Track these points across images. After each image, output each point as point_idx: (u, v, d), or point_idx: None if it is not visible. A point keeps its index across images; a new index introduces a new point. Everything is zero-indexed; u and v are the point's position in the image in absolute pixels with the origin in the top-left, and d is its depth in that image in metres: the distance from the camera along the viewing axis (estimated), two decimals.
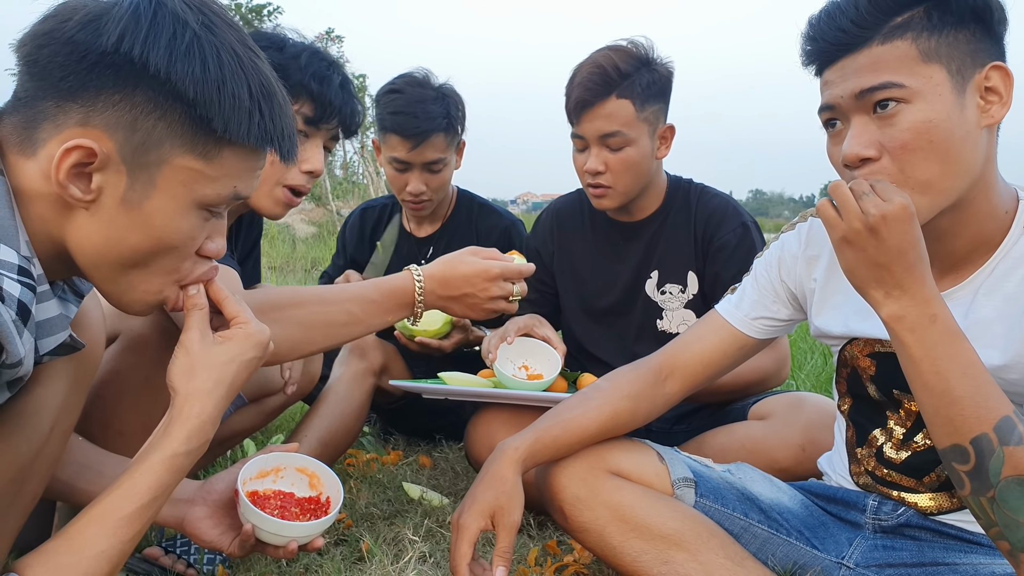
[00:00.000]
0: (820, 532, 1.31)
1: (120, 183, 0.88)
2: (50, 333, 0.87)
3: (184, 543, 1.44)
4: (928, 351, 1.00)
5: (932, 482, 1.22)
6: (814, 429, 1.61)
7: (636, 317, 1.98)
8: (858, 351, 1.26)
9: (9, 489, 1.03)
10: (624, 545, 1.23)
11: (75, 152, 0.85)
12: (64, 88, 0.85)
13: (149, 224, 0.91)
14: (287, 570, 1.47)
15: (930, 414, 1.02)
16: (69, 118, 0.86)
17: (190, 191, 0.92)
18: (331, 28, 13.06)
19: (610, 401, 1.33)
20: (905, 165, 1.04)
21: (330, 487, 1.25)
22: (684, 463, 1.34)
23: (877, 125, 1.06)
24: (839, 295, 1.28)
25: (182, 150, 0.89)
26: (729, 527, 1.29)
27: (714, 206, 1.96)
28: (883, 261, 1.00)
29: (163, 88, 0.86)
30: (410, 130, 2.09)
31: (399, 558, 1.48)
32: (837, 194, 1.02)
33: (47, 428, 1.05)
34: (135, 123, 0.87)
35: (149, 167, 0.89)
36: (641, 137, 1.84)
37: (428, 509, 1.76)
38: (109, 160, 0.87)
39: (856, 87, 1.06)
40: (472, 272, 1.42)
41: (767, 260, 1.38)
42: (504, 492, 1.22)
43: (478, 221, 2.35)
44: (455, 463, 2.15)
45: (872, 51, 1.06)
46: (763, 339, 1.37)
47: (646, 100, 1.83)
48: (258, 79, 0.92)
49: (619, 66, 1.80)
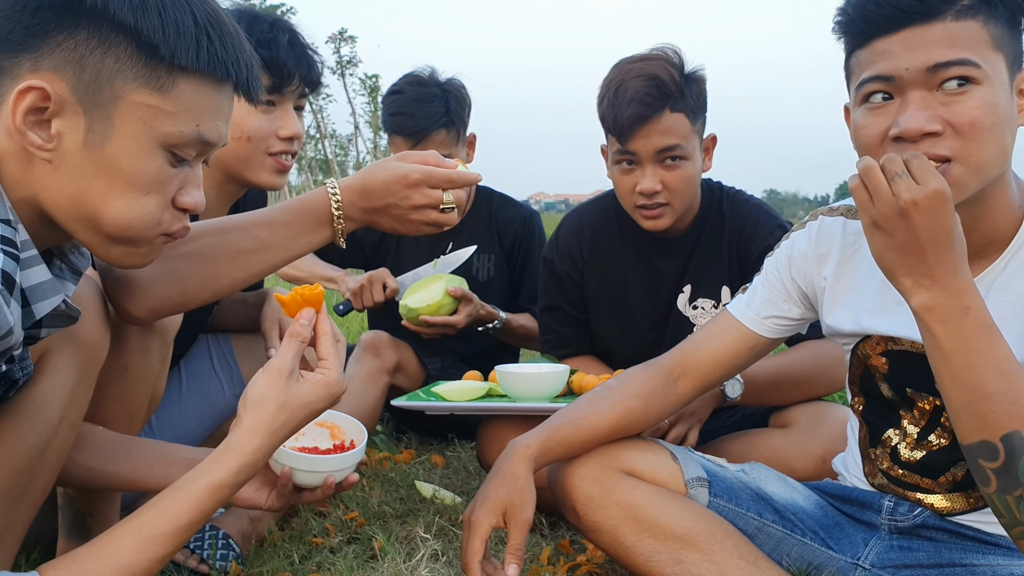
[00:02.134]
0: (835, 532, 1.30)
1: (79, 126, 0.87)
2: (43, 297, 0.86)
3: (198, 538, 1.45)
4: (960, 344, 0.97)
5: (948, 482, 1.21)
6: (836, 442, 1.55)
7: (667, 333, 1.93)
8: (871, 349, 1.25)
9: (20, 480, 1.04)
10: (637, 545, 1.23)
11: (28, 95, 0.84)
12: (12, 40, 0.85)
13: (113, 167, 0.89)
14: (300, 567, 1.47)
15: (958, 409, 1.00)
16: (21, 68, 0.85)
17: (151, 128, 0.90)
18: (344, 28, 13.13)
19: (622, 400, 1.33)
20: (969, 143, 1.02)
21: (352, 432, 1.26)
22: (698, 462, 1.34)
23: (940, 101, 1.03)
24: (850, 293, 1.27)
25: (135, 84, 0.88)
26: (743, 527, 1.28)
27: (745, 213, 1.89)
28: (914, 248, 0.96)
29: (103, 20, 0.86)
30: (408, 129, 2.11)
31: (411, 556, 1.48)
32: (869, 175, 0.98)
33: (56, 419, 1.05)
34: (82, 60, 0.86)
35: (104, 105, 0.87)
36: (695, 151, 1.78)
37: (440, 508, 1.76)
38: (65, 103, 0.86)
39: (931, 60, 1.02)
40: (391, 178, 1.24)
41: (777, 259, 1.37)
42: (516, 489, 1.22)
43: (497, 214, 2.36)
44: (468, 462, 2.15)
45: (946, 26, 1.03)
46: (774, 338, 1.36)
47: (698, 112, 1.78)
48: (203, 8, 0.91)
49: (674, 78, 1.73)
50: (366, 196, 1.25)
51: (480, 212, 2.36)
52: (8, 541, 1.07)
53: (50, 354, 1.04)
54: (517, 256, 2.35)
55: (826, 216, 1.32)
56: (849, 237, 1.28)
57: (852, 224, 1.28)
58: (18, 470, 1.03)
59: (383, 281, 2.08)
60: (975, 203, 1.07)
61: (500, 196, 2.40)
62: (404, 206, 1.26)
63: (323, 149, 13.07)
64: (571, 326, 2.02)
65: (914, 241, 0.96)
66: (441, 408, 1.74)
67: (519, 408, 1.70)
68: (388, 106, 2.18)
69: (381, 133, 11.42)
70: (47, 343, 1.03)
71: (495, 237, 2.35)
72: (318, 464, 1.17)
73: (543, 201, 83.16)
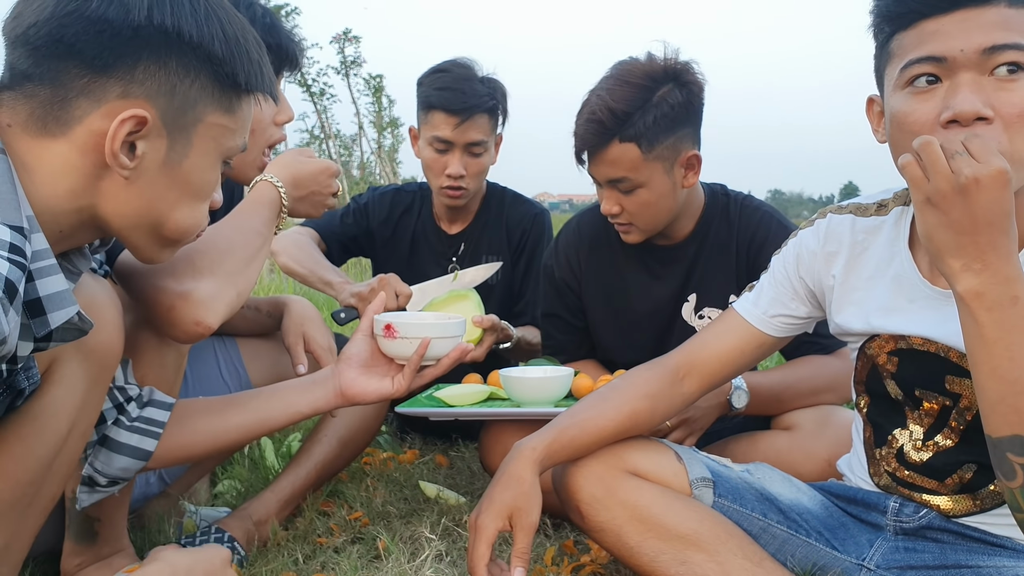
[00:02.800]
0: (840, 533, 1.29)
1: (161, 147, 0.94)
2: (60, 307, 0.87)
3: (203, 540, 1.45)
4: (1005, 334, 0.94)
5: (954, 484, 1.20)
6: (841, 446, 1.53)
7: (671, 342, 1.86)
8: (879, 348, 1.24)
9: (27, 491, 1.04)
10: (642, 545, 1.22)
11: (128, 122, 0.90)
12: (98, 64, 0.89)
13: (186, 181, 0.98)
14: (304, 567, 1.47)
15: (993, 401, 0.97)
16: (108, 92, 0.90)
17: (219, 145, 1.00)
18: (348, 29, 13.12)
19: (628, 400, 1.32)
20: (1016, 135, 1.00)
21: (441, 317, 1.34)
22: (702, 463, 1.33)
23: (991, 87, 1.01)
24: (859, 291, 1.26)
25: (213, 107, 0.98)
26: (748, 527, 1.28)
27: (756, 222, 1.85)
28: (969, 228, 0.92)
29: (196, 52, 0.93)
30: (457, 105, 2.07)
31: (416, 556, 1.48)
32: (927, 151, 0.94)
33: (65, 430, 1.05)
34: (173, 89, 0.93)
35: (187, 128, 0.96)
36: (653, 177, 1.72)
37: (445, 508, 1.76)
38: (152, 127, 0.92)
39: (987, 41, 1.00)
40: (317, 169, 1.45)
41: (785, 257, 1.36)
42: (522, 493, 1.22)
43: (508, 213, 2.32)
44: (471, 462, 2.15)
45: (1001, 10, 1.01)
46: (781, 337, 1.36)
47: (655, 138, 1.68)
48: (252, 35, 1.01)
49: (615, 110, 1.67)
50: (297, 187, 1.42)
51: (491, 212, 2.33)
52: (15, 549, 1.07)
53: (59, 364, 1.03)
54: (522, 254, 2.32)
55: (835, 214, 1.31)
56: (858, 235, 1.27)
57: (861, 222, 1.27)
58: (25, 481, 1.03)
59: (394, 288, 1.96)
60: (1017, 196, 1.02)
61: (512, 194, 2.37)
62: (325, 193, 1.47)
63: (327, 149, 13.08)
64: (569, 333, 2.02)
65: (970, 221, 0.92)
66: (445, 414, 1.74)
67: (523, 413, 1.70)
68: (433, 83, 2.13)
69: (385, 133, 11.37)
70: (55, 353, 1.03)
71: (504, 237, 2.32)
72: (450, 329, 1.26)
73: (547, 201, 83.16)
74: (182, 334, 1.19)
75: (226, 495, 1.87)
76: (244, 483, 1.90)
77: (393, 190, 2.42)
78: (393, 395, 1.28)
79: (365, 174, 13.15)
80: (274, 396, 1.28)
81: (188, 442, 1.23)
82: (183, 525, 1.60)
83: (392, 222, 2.35)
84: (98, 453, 1.18)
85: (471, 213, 2.32)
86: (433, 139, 2.13)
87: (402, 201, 2.37)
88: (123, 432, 1.19)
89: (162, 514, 1.60)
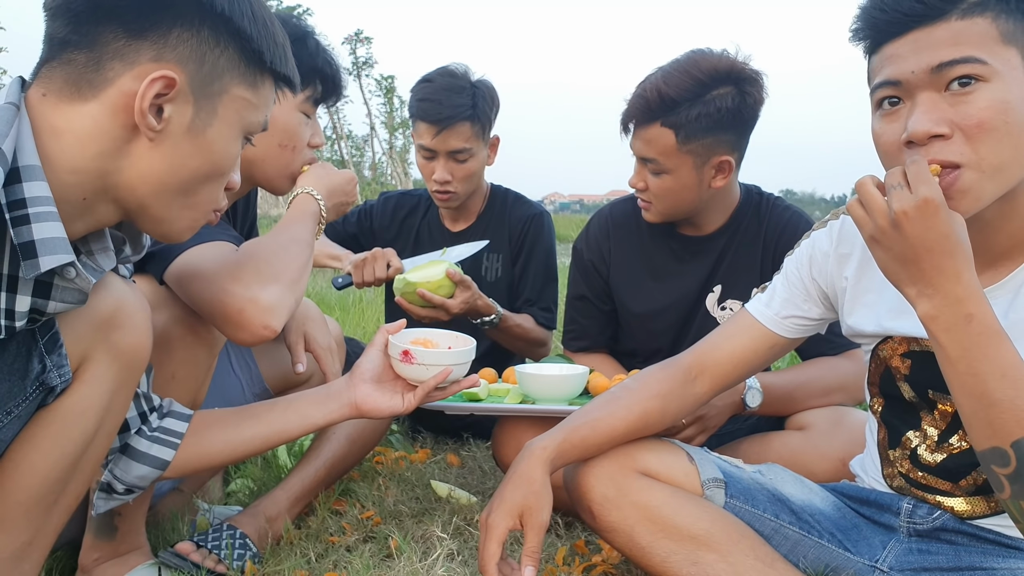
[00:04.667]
0: (853, 535, 1.29)
1: (187, 112, 0.98)
2: (51, 252, 0.89)
3: (216, 538, 1.46)
4: (965, 352, 0.97)
5: (968, 486, 1.19)
6: (855, 445, 1.54)
7: (692, 331, 1.93)
8: (892, 350, 1.24)
9: (54, 488, 1.06)
10: (653, 545, 1.22)
11: (158, 83, 0.93)
12: (134, 28, 0.93)
13: (209, 150, 1.01)
14: (316, 565, 1.48)
15: (968, 416, 1.00)
16: (141, 55, 0.94)
17: (241, 118, 1.04)
18: (360, 30, 13.18)
19: (639, 401, 1.32)
20: (980, 145, 1.00)
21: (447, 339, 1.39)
22: (714, 463, 1.33)
23: (948, 103, 1.02)
24: (871, 293, 1.26)
25: (238, 80, 1.02)
26: (759, 528, 1.27)
27: (787, 218, 1.90)
28: (910, 257, 0.97)
29: (226, 25, 0.98)
30: (433, 116, 2.14)
31: (427, 555, 1.48)
32: (862, 191, 1.00)
33: (92, 429, 1.07)
34: (203, 57, 0.97)
35: (212, 97, 0.99)
36: (681, 168, 1.77)
37: (456, 507, 1.77)
38: (181, 91, 0.96)
39: (934, 60, 1.02)
40: (345, 180, 1.60)
41: (798, 258, 1.36)
42: (532, 492, 1.22)
43: (509, 213, 2.37)
44: (483, 462, 2.15)
45: (951, 25, 1.02)
46: (793, 338, 1.35)
47: (694, 133, 1.73)
48: (279, 24, 1.08)
49: (664, 95, 1.72)
50: (330, 196, 1.53)
51: (493, 212, 2.38)
52: (39, 546, 1.08)
53: (90, 363, 1.06)
54: (521, 252, 2.36)
55: (847, 215, 1.31)
56: None
57: None
58: (53, 478, 1.05)
59: (387, 259, 2.05)
60: (1004, 201, 1.06)
61: (515, 195, 2.42)
62: (349, 201, 1.61)
63: (339, 150, 13.11)
64: (593, 318, 2.05)
65: (910, 250, 0.97)
66: (461, 408, 1.74)
67: (538, 410, 1.70)
68: (416, 92, 2.21)
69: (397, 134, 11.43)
70: (86, 352, 1.05)
71: (506, 236, 2.36)
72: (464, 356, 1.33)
73: (558, 201, 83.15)
74: (249, 336, 1.24)
75: (239, 493, 1.89)
76: (256, 481, 1.92)
77: (398, 194, 2.49)
78: (404, 412, 1.34)
79: (377, 174, 13.20)
80: (290, 408, 1.31)
81: (205, 452, 1.26)
82: (196, 523, 1.61)
83: (396, 224, 2.43)
84: (118, 460, 1.21)
85: (474, 213, 2.37)
86: (419, 147, 2.22)
87: (406, 204, 2.45)
88: (143, 441, 1.21)
89: (176, 512, 1.62)
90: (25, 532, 1.06)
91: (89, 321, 1.04)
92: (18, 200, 0.86)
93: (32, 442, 1.04)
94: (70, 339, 1.03)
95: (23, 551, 1.06)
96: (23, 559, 1.07)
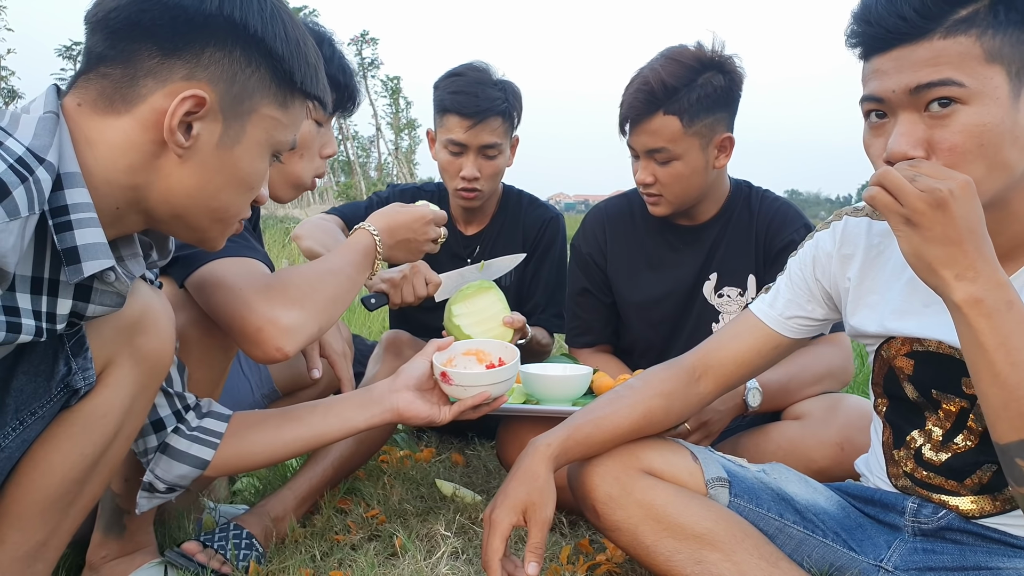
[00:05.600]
0: (857, 534, 1.29)
1: (216, 130, 0.99)
2: (94, 257, 0.91)
3: (222, 537, 1.46)
4: (1004, 339, 0.95)
5: (974, 485, 1.19)
6: (851, 429, 1.59)
7: (691, 319, 1.97)
8: (895, 350, 1.24)
9: (71, 488, 1.08)
10: (657, 544, 1.23)
11: (188, 101, 0.95)
12: (168, 47, 0.95)
13: (237, 167, 1.02)
14: (321, 564, 1.48)
15: (996, 407, 0.98)
16: (174, 73, 0.96)
17: (270, 137, 1.05)
18: (366, 30, 13.20)
19: (643, 400, 1.33)
20: (951, 165, 1.01)
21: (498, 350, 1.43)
22: (718, 462, 1.33)
23: (927, 124, 1.02)
24: (874, 294, 1.26)
25: (268, 100, 1.03)
26: (764, 527, 1.27)
27: (776, 208, 1.97)
28: (955, 238, 0.95)
29: (258, 46, 0.99)
30: (470, 108, 2.11)
31: (432, 554, 1.49)
32: (889, 179, 0.97)
33: (112, 431, 1.09)
34: (234, 76, 0.99)
35: (242, 115, 1.01)
36: (690, 151, 1.83)
37: (461, 506, 1.77)
38: (210, 110, 0.97)
39: (912, 81, 1.01)
40: (412, 218, 1.59)
41: (801, 259, 1.36)
42: (536, 488, 1.23)
43: (525, 215, 2.34)
44: (487, 461, 2.16)
45: (933, 44, 1.01)
46: (797, 339, 1.35)
47: (696, 114, 1.80)
48: (312, 43, 1.08)
49: (666, 82, 1.78)
50: (392, 235, 1.55)
51: (507, 214, 2.35)
52: (53, 546, 1.10)
53: (113, 367, 1.08)
54: (535, 256, 2.34)
55: (851, 216, 1.31)
56: (874, 238, 1.27)
57: (877, 225, 1.27)
58: (71, 478, 1.07)
59: (424, 276, 1.96)
60: (997, 208, 1.05)
61: (529, 197, 2.39)
62: (420, 239, 1.60)
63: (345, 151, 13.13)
64: (596, 312, 2.07)
65: (954, 231, 0.94)
66: None
67: (542, 410, 1.71)
68: (447, 86, 2.17)
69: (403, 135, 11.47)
70: (111, 355, 1.07)
71: (520, 238, 2.34)
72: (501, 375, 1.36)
73: (563, 201, 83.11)
74: (262, 355, 1.25)
75: (244, 492, 1.89)
76: (262, 480, 1.92)
77: (413, 188, 2.43)
78: (440, 423, 1.38)
79: (382, 175, 13.23)
80: (331, 411, 1.33)
81: (245, 453, 1.28)
82: (203, 521, 1.62)
83: None
84: (159, 460, 1.23)
85: (487, 215, 2.34)
86: (448, 142, 2.16)
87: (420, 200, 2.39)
88: (183, 440, 1.23)
89: (182, 510, 1.62)
90: (40, 532, 1.07)
91: (114, 325, 1.07)
92: (61, 207, 0.88)
93: (53, 443, 1.05)
94: (95, 342, 1.05)
95: (37, 551, 1.08)
96: (37, 559, 1.08)
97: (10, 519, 1.05)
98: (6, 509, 1.06)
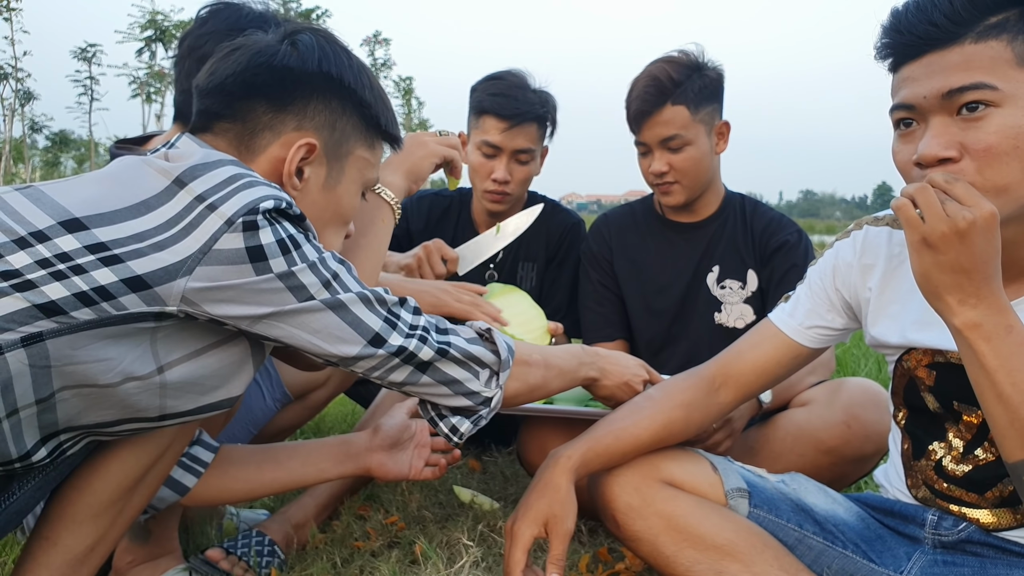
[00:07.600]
0: (877, 545, 1.29)
1: (322, 173, 1.15)
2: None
3: (245, 544, 1.48)
4: (1004, 361, 0.98)
5: (995, 497, 1.19)
6: (856, 406, 1.64)
7: (695, 311, 2.06)
8: (916, 361, 1.24)
9: (124, 495, 1.11)
10: (677, 555, 1.23)
11: (303, 148, 1.10)
12: (279, 102, 1.10)
13: (338, 203, 1.18)
14: (343, 570, 1.50)
15: (1002, 427, 1.00)
16: (286, 125, 1.11)
17: (362, 175, 1.20)
18: (378, 31, 13.22)
19: (663, 410, 1.33)
20: (985, 168, 1.02)
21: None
22: (738, 473, 1.34)
23: (959, 127, 1.03)
24: (895, 304, 1.26)
25: (360, 143, 1.18)
26: (783, 538, 1.28)
27: (769, 216, 2.10)
28: (967, 267, 0.97)
29: (351, 96, 1.15)
30: (507, 110, 2.12)
31: (453, 562, 1.50)
32: (924, 195, 0.98)
33: (167, 443, 1.13)
34: (334, 124, 1.14)
35: (341, 158, 1.16)
36: (699, 136, 1.97)
37: (479, 513, 1.78)
38: (317, 155, 1.12)
39: (945, 86, 1.03)
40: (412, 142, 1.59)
41: (821, 268, 1.36)
42: (557, 500, 1.23)
43: (547, 220, 2.33)
44: (504, 467, 2.17)
45: (964, 49, 1.02)
46: (817, 348, 1.36)
47: (700, 103, 1.96)
48: (385, 93, 1.23)
49: (672, 76, 1.94)
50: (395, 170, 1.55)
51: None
52: (99, 553, 1.13)
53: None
54: (555, 260, 2.34)
55: (871, 226, 1.31)
56: (895, 248, 1.27)
57: (898, 234, 1.27)
58: (125, 486, 1.11)
59: (440, 253, 1.90)
60: (1017, 222, 1.06)
61: (552, 202, 2.40)
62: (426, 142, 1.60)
63: None
64: (609, 303, 2.15)
65: (968, 260, 0.96)
66: None
67: (558, 410, 1.71)
68: (486, 88, 2.18)
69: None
70: None
71: (543, 243, 2.34)
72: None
73: (575, 202, 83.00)
74: (306, 365, 1.33)
75: (265, 499, 1.91)
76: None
77: (432, 194, 2.45)
78: (408, 479, 1.50)
79: None
80: (309, 460, 1.42)
81: (225, 487, 1.33)
82: (224, 527, 1.64)
83: (431, 225, 2.38)
84: None
85: None
86: (482, 143, 2.17)
87: (440, 204, 2.40)
88: None
89: (204, 517, 1.64)
90: (91, 536, 1.10)
91: None
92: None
93: (112, 448, 1.09)
94: None
95: (86, 555, 1.11)
96: (84, 563, 1.11)
97: (65, 521, 1.09)
98: (62, 511, 1.09)
